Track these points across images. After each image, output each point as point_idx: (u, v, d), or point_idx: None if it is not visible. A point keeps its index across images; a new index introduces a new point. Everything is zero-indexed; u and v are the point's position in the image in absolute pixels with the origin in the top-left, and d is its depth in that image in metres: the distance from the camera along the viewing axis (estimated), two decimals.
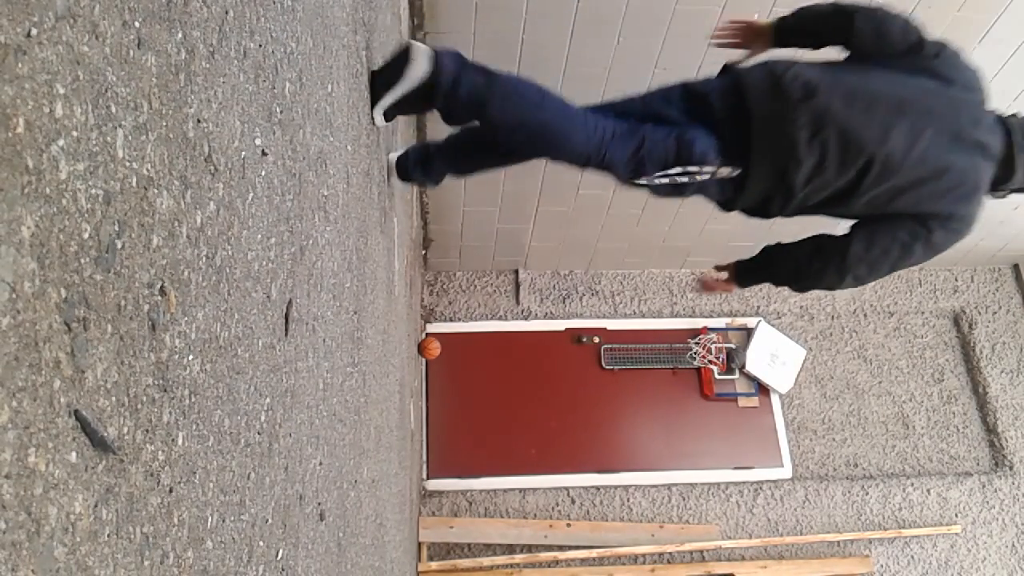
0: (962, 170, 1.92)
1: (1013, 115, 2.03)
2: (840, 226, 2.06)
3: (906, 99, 1.91)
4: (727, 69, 2.10)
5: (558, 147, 2.03)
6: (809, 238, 2.12)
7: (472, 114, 1.99)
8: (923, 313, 5.24)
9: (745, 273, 2.29)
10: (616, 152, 1.98)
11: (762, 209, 2.06)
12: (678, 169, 1.97)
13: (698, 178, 1.98)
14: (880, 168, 1.90)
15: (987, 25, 3.42)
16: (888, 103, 1.90)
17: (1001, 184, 2.00)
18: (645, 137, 1.98)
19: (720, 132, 1.97)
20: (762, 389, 4.91)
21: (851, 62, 2.02)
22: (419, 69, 1.90)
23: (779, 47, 2.09)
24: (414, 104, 1.99)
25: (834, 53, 2.06)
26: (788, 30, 2.06)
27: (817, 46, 2.08)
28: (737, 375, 4.91)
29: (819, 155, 1.90)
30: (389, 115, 2.02)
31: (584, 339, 4.88)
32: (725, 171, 1.97)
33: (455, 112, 1.99)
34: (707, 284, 2.30)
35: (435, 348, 4.15)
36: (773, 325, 5.00)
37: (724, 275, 2.27)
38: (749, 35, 2.10)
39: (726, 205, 2.09)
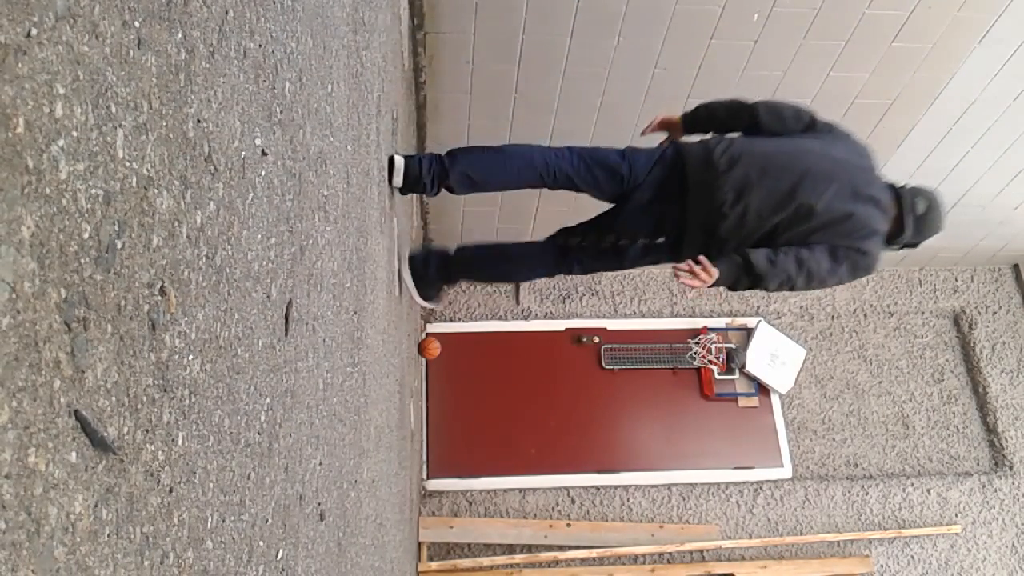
0: (863, 216, 2.41)
1: (903, 185, 2.54)
2: None
3: (810, 164, 2.40)
4: (673, 143, 2.59)
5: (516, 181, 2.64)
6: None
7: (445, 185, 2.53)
8: (923, 313, 5.24)
9: (732, 269, 2.54)
10: (568, 166, 2.54)
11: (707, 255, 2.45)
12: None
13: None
14: (793, 217, 2.38)
15: (987, 25, 3.42)
16: (795, 168, 2.39)
17: (894, 239, 2.50)
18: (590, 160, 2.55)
19: (661, 202, 2.47)
20: (762, 389, 4.91)
21: (765, 137, 2.50)
22: (397, 180, 2.42)
23: (690, 134, 2.60)
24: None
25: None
26: (697, 121, 2.58)
27: (723, 133, 2.55)
28: (737, 375, 4.91)
29: (740, 214, 2.39)
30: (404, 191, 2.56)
31: (584, 339, 4.88)
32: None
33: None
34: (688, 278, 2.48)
35: (435, 348, 4.14)
36: (773, 325, 5.00)
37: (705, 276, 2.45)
38: (666, 126, 2.65)
39: (675, 259, 2.54)
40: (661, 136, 2.66)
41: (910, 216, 2.47)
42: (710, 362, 4.89)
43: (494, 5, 3.16)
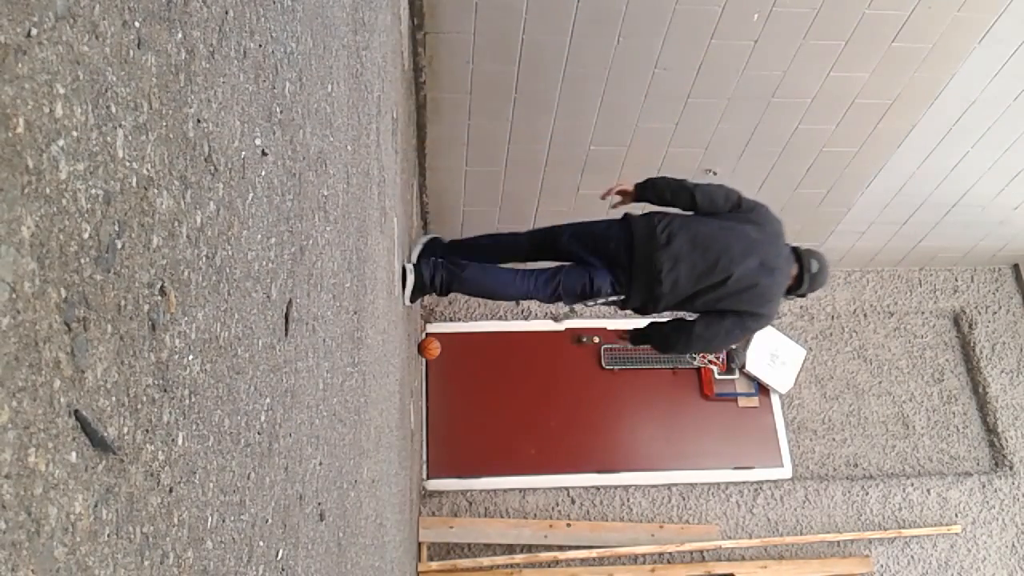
0: (766, 285, 3.01)
1: (807, 248, 3.18)
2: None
3: (730, 242, 2.99)
4: (626, 216, 3.15)
5: (502, 297, 3.37)
6: (675, 319, 3.17)
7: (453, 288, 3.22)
8: (923, 313, 5.24)
9: (638, 337, 3.29)
10: (539, 294, 3.18)
11: (644, 310, 3.13)
12: (585, 301, 3.18)
13: (599, 300, 3.14)
14: (711, 285, 2.98)
15: (987, 25, 3.42)
16: (717, 246, 2.98)
17: (793, 291, 3.14)
18: (560, 282, 3.13)
19: (615, 266, 3.07)
20: (762, 389, 4.91)
21: (699, 215, 3.08)
22: (409, 283, 3.05)
23: (639, 202, 3.15)
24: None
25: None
26: (648, 192, 3.12)
27: (665, 206, 3.12)
28: (737, 375, 4.91)
29: (674, 279, 2.98)
30: (413, 298, 3.18)
31: (584, 339, 4.88)
32: (613, 298, 3.13)
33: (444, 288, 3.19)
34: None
35: (435, 348, 4.14)
36: (773, 325, 5.00)
37: (625, 340, 3.35)
38: (622, 193, 3.18)
39: (622, 307, 3.20)
40: (615, 200, 3.22)
41: (807, 274, 3.11)
42: (710, 362, 4.89)
43: (494, 5, 3.16)
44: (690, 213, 3.10)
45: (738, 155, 4.09)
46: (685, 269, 2.97)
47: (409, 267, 3.07)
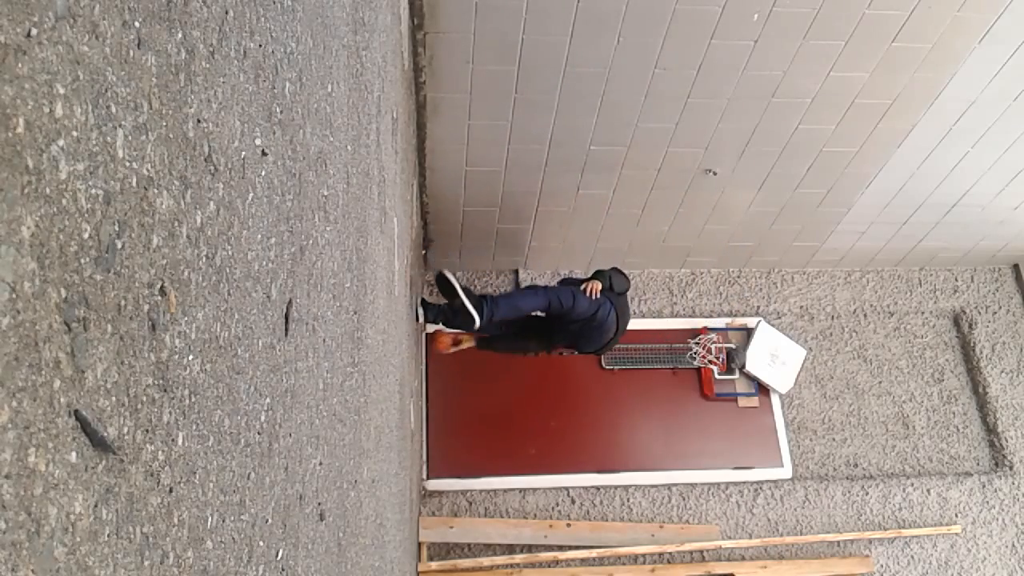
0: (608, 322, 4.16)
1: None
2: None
3: (627, 313, 4.20)
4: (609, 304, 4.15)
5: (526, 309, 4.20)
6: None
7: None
8: (923, 313, 5.24)
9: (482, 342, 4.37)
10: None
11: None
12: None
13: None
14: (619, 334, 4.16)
15: (987, 25, 3.42)
16: (626, 314, 4.14)
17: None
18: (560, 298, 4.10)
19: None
20: (762, 389, 4.91)
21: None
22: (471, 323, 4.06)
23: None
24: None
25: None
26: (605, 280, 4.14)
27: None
28: (737, 375, 4.91)
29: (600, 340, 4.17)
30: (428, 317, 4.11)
31: None
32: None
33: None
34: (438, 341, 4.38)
35: (448, 340, 4.23)
36: (773, 325, 5.00)
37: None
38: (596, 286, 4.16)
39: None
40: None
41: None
42: (710, 362, 4.89)
43: (494, 5, 3.16)
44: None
45: (738, 155, 4.09)
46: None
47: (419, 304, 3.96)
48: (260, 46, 0.97)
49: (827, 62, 3.56)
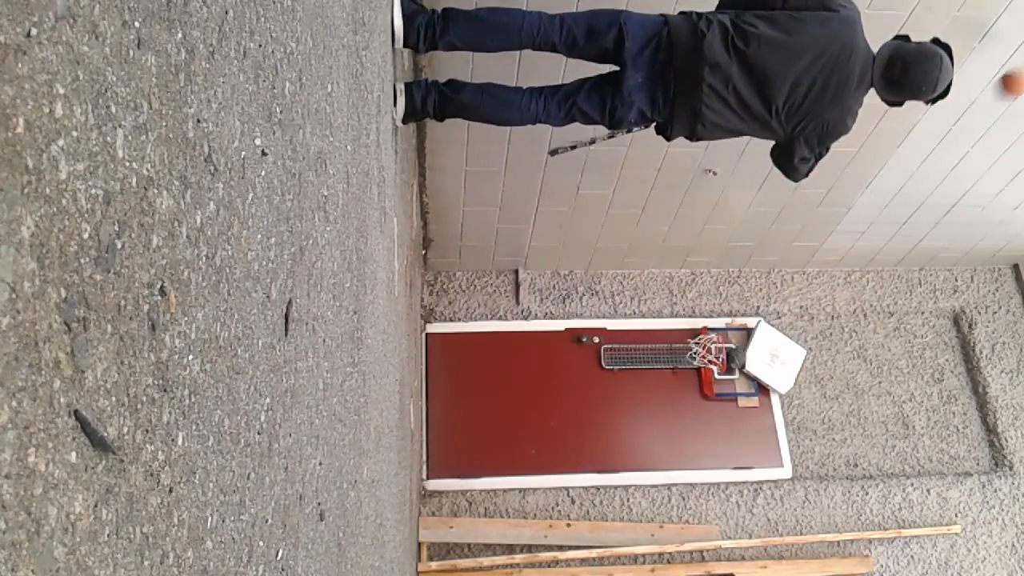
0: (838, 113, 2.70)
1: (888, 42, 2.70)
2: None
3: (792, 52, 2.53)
4: (668, 26, 2.58)
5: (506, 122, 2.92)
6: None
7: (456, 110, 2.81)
8: (923, 313, 5.24)
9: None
10: (550, 119, 2.76)
11: (690, 135, 2.69)
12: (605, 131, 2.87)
13: (621, 131, 2.80)
14: (777, 111, 2.58)
15: (987, 25, 3.42)
16: (776, 67, 2.52)
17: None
18: (575, 104, 2.69)
19: (654, 79, 2.57)
20: (762, 389, 4.91)
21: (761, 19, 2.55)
22: (400, 106, 2.66)
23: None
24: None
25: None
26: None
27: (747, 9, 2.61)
28: (737, 375, 4.91)
29: (722, 106, 2.56)
30: (406, 120, 2.76)
31: (584, 339, 4.88)
32: (638, 128, 2.74)
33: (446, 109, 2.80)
34: None
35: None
36: (773, 325, 5.00)
37: None
38: None
39: (660, 133, 2.77)
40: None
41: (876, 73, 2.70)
42: (710, 362, 4.89)
43: (494, 4, 3.16)
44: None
45: (738, 155, 4.09)
46: (734, 98, 2.55)
47: (400, 87, 2.64)
48: (260, 46, 0.97)
49: None
